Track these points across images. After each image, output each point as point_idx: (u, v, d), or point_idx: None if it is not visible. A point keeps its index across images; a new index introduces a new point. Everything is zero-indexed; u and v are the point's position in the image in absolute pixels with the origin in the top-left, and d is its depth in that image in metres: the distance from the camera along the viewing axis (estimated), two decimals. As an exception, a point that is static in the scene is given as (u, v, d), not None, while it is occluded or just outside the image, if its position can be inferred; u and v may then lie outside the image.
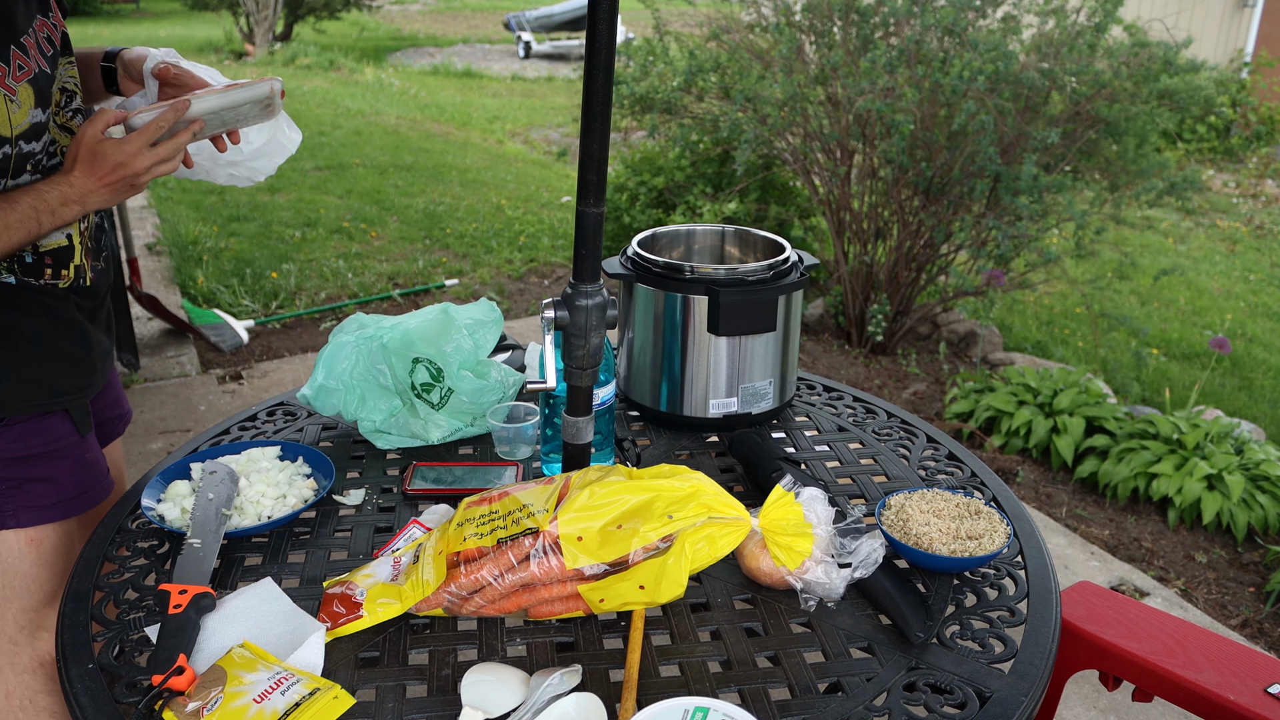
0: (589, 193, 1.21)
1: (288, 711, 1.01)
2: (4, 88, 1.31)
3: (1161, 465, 3.25)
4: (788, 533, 1.18)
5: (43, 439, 1.47)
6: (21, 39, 1.35)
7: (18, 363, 1.42)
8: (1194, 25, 8.77)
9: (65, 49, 1.47)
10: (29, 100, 1.35)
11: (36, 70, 1.37)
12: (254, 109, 1.49)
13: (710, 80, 4.74)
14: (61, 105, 1.45)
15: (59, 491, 1.49)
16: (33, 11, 1.39)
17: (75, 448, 1.51)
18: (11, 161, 1.34)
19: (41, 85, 1.37)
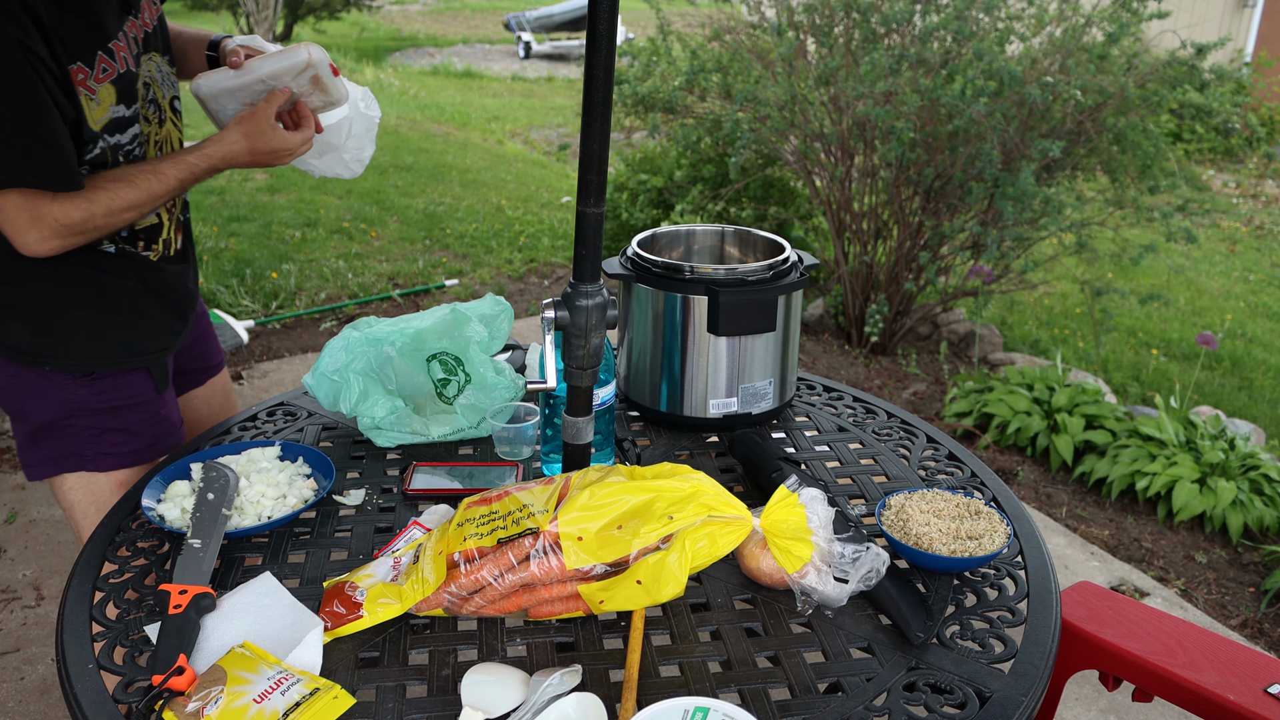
0: (589, 193, 1.21)
1: (288, 711, 1.01)
2: (84, 88, 1.43)
3: (1155, 464, 3.25)
4: (788, 536, 1.18)
5: (124, 393, 1.62)
6: (110, 44, 1.47)
7: (111, 323, 1.59)
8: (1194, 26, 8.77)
9: (148, 45, 1.58)
10: (109, 98, 1.47)
11: (121, 71, 1.49)
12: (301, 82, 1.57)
13: (712, 80, 4.74)
14: (143, 98, 1.57)
15: (134, 441, 1.64)
16: (124, 14, 1.52)
17: (152, 403, 1.66)
18: (108, 155, 1.49)
19: (125, 84, 1.50)
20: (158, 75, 1.62)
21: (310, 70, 1.55)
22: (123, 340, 1.61)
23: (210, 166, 1.52)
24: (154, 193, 1.47)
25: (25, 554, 2.91)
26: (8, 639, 2.57)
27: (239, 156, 1.53)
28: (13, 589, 2.76)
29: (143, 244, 1.60)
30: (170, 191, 1.49)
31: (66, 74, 1.40)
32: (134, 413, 1.63)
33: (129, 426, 1.63)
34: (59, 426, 1.60)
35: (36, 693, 2.40)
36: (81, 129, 1.43)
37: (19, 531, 3.01)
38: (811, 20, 4.30)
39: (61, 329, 1.56)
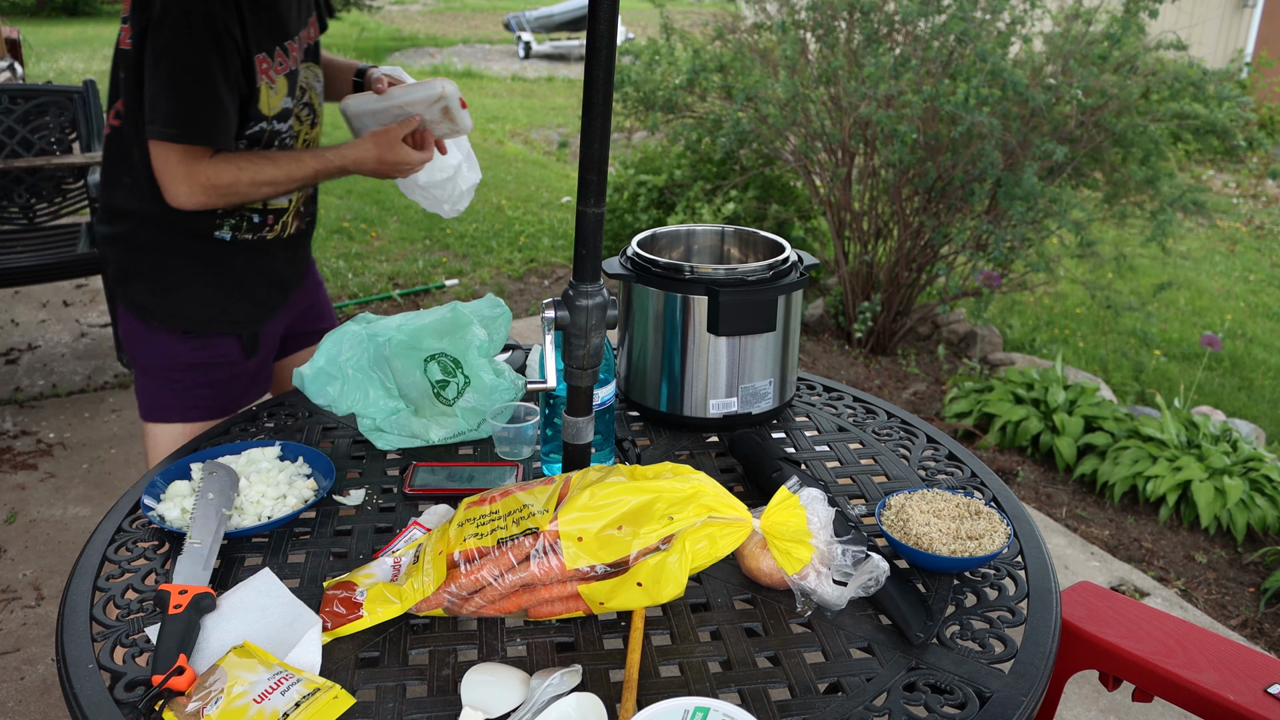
0: (589, 193, 1.21)
1: (288, 711, 1.01)
2: (266, 76, 1.67)
3: (1158, 466, 3.25)
4: (788, 538, 1.18)
5: (215, 354, 1.84)
6: (286, 42, 1.71)
7: (213, 294, 1.81)
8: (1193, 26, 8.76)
9: (310, 57, 1.82)
10: (283, 89, 1.72)
11: (292, 68, 1.73)
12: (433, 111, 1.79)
13: (713, 80, 4.74)
14: (299, 100, 1.79)
15: (217, 397, 1.85)
16: (302, 22, 1.77)
17: (239, 364, 1.87)
18: (265, 136, 1.71)
19: (292, 80, 1.74)
20: (315, 85, 1.85)
21: (442, 102, 1.77)
22: (222, 310, 1.83)
23: (342, 165, 1.74)
24: (292, 176, 1.70)
25: (25, 554, 2.91)
26: (8, 639, 2.57)
27: (367, 162, 1.75)
28: (13, 589, 2.76)
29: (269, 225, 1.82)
30: (305, 178, 1.72)
31: (251, 59, 1.63)
32: (222, 371, 1.85)
33: (216, 381, 1.85)
34: (160, 376, 1.84)
35: (36, 693, 2.40)
36: (249, 108, 1.66)
37: (19, 531, 3.01)
38: (814, 20, 4.30)
39: (171, 294, 1.79)
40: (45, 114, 4.12)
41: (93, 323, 4.64)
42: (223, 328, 1.84)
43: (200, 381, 1.84)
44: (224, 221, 1.76)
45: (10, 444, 3.52)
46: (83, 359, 4.25)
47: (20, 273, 3.81)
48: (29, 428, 3.64)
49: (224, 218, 1.76)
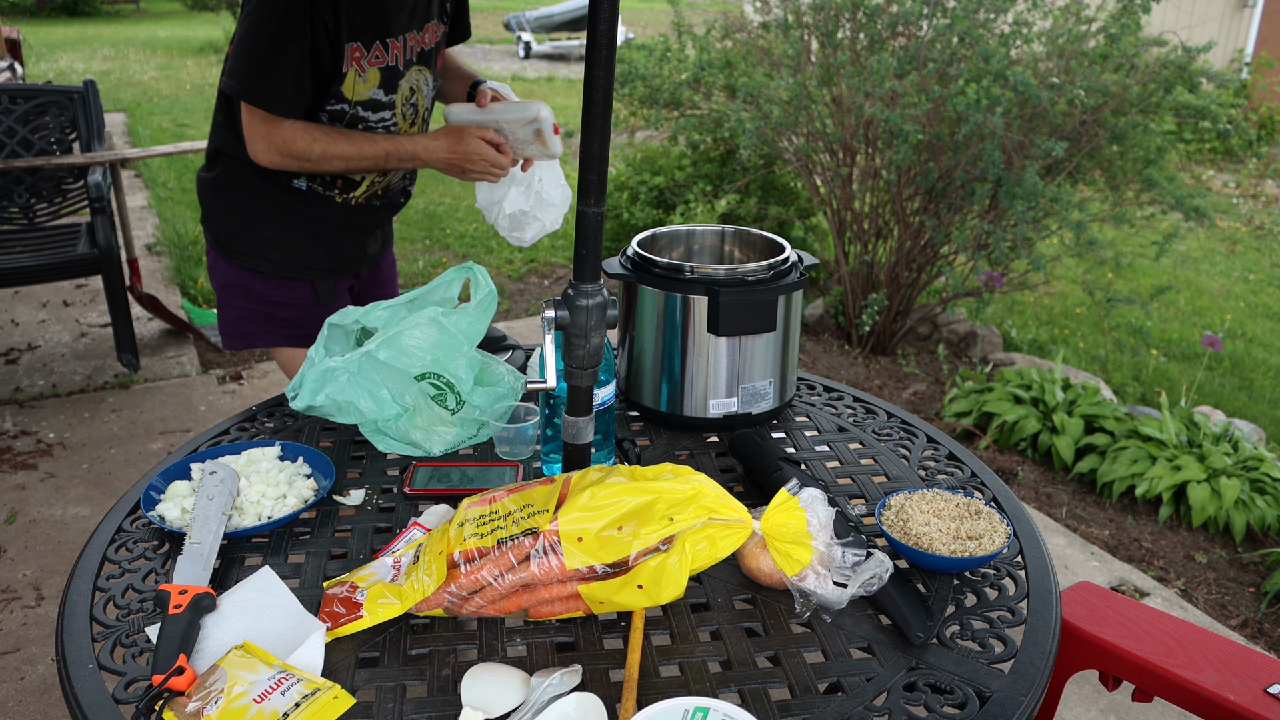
0: (589, 192, 1.21)
1: (288, 711, 1.01)
2: (358, 65, 1.77)
3: (1158, 466, 3.25)
4: (788, 539, 1.18)
5: (289, 295, 2.00)
6: (388, 39, 1.79)
7: (287, 239, 1.94)
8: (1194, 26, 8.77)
9: (422, 60, 1.91)
10: (374, 81, 1.81)
11: (389, 65, 1.82)
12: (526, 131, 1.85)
13: (717, 78, 4.74)
14: (407, 99, 1.90)
15: (298, 331, 2.02)
16: (414, 24, 1.84)
17: (312, 307, 2.01)
18: (346, 117, 1.82)
19: (389, 76, 1.83)
20: (424, 88, 1.95)
21: (536, 124, 1.84)
22: (294, 256, 1.96)
23: (412, 152, 1.83)
24: (363, 154, 1.80)
25: (25, 554, 2.91)
26: (8, 639, 2.57)
27: (437, 151, 1.84)
28: (13, 589, 2.76)
29: (336, 191, 1.93)
30: (375, 156, 1.82)
31: (340, 43, 1.72)
32: (294, 310, 2.01)
33: (290, 319, 2.01)
34: (238, 309, 2.02)
35: (36, 693, 2.40)
36: (332, 86, 1.76)
37: (19, 531, 3.01)
38: (818, 20, 4.30)
39: (250, 235, 1.94)
40: (45, 114, 4.12)
41: (93, 323, 4.64)
42: (295, 272, 1.98)
43: (275, 315, 2.01)
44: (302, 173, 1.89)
45: (10, 444, 3.52)
46: (83, 359, 4.25)
47: (20, 273, 3.81)
48: (29, 428, 3.64)
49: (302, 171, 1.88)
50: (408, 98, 1.90)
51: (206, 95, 11.00)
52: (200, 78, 12.29)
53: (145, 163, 7.63)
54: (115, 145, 7.72)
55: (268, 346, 2.08)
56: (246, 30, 1.71)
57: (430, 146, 1.83)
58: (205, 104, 10.43)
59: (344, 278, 2.07)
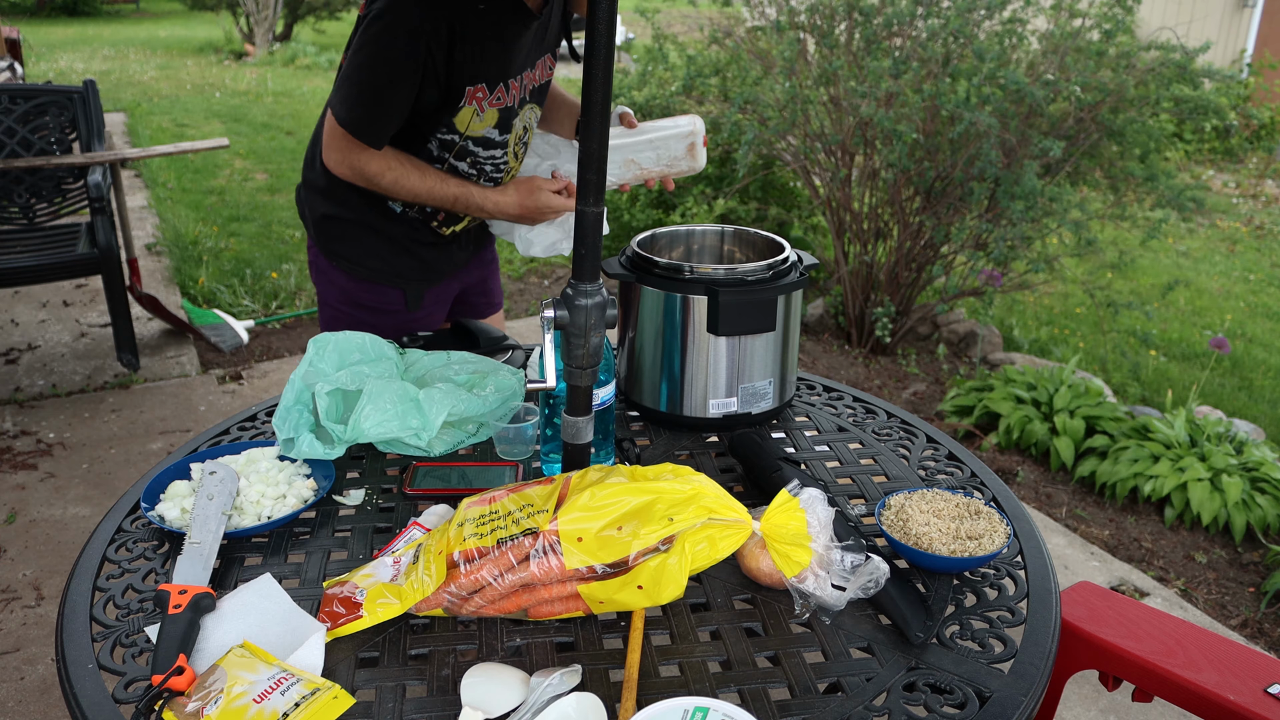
0: (589, 192, 1.21)
1: (287, 712, 1.01)
2: (478, 104, 1.79)
3: (1160, 466, 3.25)
4: (787, 541, 1.18)
5: (380, 299, 2.03)
6: (509, 80, 1.81)
7: (381, 250, 1.98)
8: (1194, 26, 8.77)
9: (534, 96, 1.93)
10: (491, 120, 1.83)
11: (508, 105, 1.84)
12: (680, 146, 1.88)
13: (710, 83, 4.74)
14: (519, 137, 1.93)
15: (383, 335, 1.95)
16: (529, 62, 1.86)
17: (401, 314, 2.05)
18: (455, 147, 1.84)
19: (506, 116, 1.85)
20: (532, 124, 1.97)
21: (691, 138, 1.86)
22: (388, 264, 2.00)
23: (480, 204, 1.87)
24: (432, 193, 1.83)
25: (25, 554, 2.91)
26: (8, 639, 2.57)
27: (508, 208, 1.88)
28: (13, 589, 2.76)
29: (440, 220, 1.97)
30: (443, 199, 1.84)
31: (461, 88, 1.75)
32: (385, 317, 2.03)
33: (379, 325, 1.97)
34: (332, 307, 2.06)
35: (36, 693, 2.40)
36: (444, 117, 1.78)
37: (19, 531, 3.01)
38: (813, 21, 4.30)
39: (348, 241, 1.99)
40: (45, 114, 4.12)
41: (93, 323, 4.64)
42: (388, 280, 2.01)
43: (368, 320, 2.01)
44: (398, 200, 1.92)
45: (10, 444, 3.52)
46: (83, 359, 4.25)
47: (20, 273, 3.81)
48: (29, 428, 3.64)
49: None
50: (520, 136, 1.93)
51: (206, 95, 11.00)
52: (200, 78, 12.29)
53: (145, 163, 7.63)
54: (115, 145, 7.72)
55: None
56: (358, 64, 1.73)
57: (500, 202, 1.87)
58: (205, 104, 10.43)
59: (433, 286, 2.09)
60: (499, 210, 1.88)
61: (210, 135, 8.76)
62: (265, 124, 9.44)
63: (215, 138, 5.24)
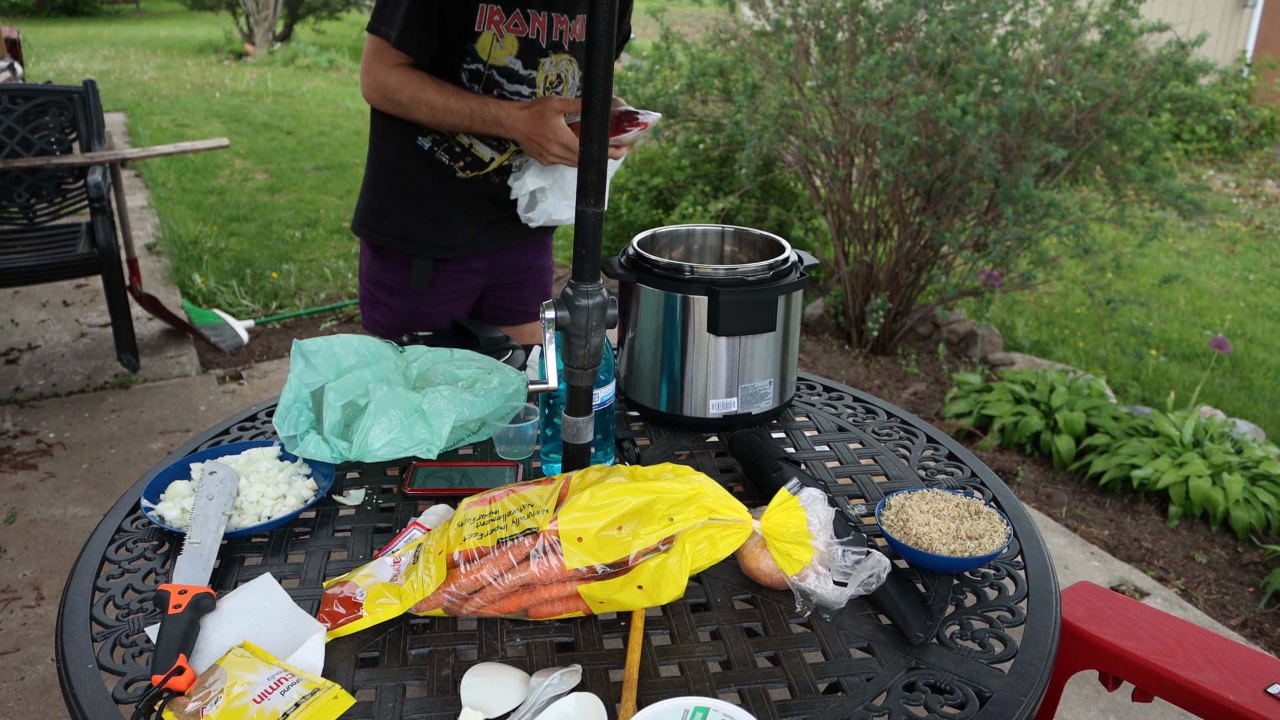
0: (589, 192, 1.21)
1: (287, 712, 1.01)
2: (496, 28, 1.80)
3: (1160, 461, 3.25)
4: (788, 539, 1.18)
5: (390, 276, 2.03)
6: (529, 9, 1.81)
7: (396, 202, 1.98)
8: (1194, 26, 8.77)
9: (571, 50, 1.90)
10: (512, 49, 1.83)
11: (528, 35, 1.83)
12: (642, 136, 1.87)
13: (713, 84, 4.74)
14: (551, 85, 1.91)
15: (393, 318, 2.05)
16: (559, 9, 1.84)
17: (406, 295, 2.03)
18: (483, 77, 1.85)
19: (528, 48, 1.84)
20: (570, 81, 1.93)
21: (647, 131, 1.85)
22: (399, 223, 1.98)
23: (495, 117, 1.79)
24: (449, 105, 1.80)
25: (25, 554, 2.91)
26: (8, 639, 2.57)
27: (519, 122, 1.78)
28: (13, 589, 2.76)
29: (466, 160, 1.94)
30: (460, 113, 1.80)
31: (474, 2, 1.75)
32: (395, 297, 2.03)
33: (389, 304, 2.04)
34: (364, 288, 2.09)
35: (36, 693, 2.40)
36: (466, 44, 1.79)
37: (19, 531, 3.01)
38: (815, 25, 4.30)
39: (370, 207, 2.01)
40: (45, 114, 4.12)
41: (93, 323, 4.64)
42: (399, 244, 1.99)
43: (379, 299, 2.05)
44: (430, 132, 1.91)
45: (10, 444, 3.52)
46: (83, 359, 4.25)
47: (20, 273, 3.81)
48: (29, 428, 3.64)
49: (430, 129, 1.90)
50: (553, 83, 1.90)
51: (206, 95, 11.00)
52: (200, 78, 12.29)
53: (145, 163, 7.63)
54: (115, 145, 7.72)
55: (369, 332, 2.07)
56: None
57: (515, 115, 1.79)
58: (205, 104, 10.43)
59: (447, 259, 2.03)
60: (511, 124, 1.80)
61: (210, 135, 8.76)
62: (265, 124, 9.45)
63: (215, 138, 5.24)
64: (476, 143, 1.93)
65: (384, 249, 2.02)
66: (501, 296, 2.19)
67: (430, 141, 1.92)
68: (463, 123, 1.82)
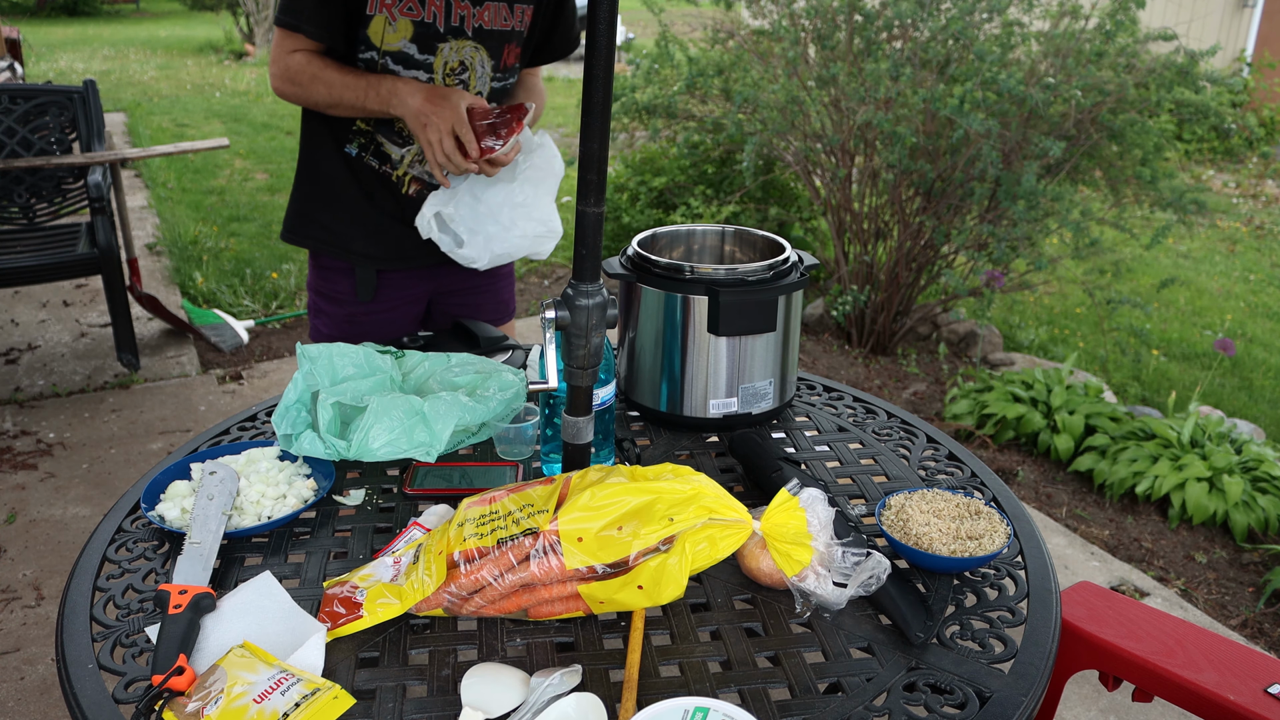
0: (589, 192, 1.21)
1: (287, 712, 1.01)
2: (388, 12, 1.74)
3: (1160, 465, 3.25)
4: (788, 540, 1.18)
5: (329, 286, 1.98)
6: None
7: (330, 212, 1.92)
8: (1193, 26, 8.77)
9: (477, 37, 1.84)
10: (406, 32, 1.77)
11: (423, 19, 1.77)
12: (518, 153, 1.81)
13: (713, 83, 4.74)
14: (454, 71, 1.85)
15: (335, 328, 1.99)
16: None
17: (350, 305, 1.97)
18: (377, 66, 1.79)
19: (423, 33, 1.78)
20: (479, 69, 1.88)
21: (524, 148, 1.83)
22: (336, 234, 1.93)
23: (391, 88, 1.72)
24: (345, 82, 1.75)
25: (25, 554, 2.91)
26: (8, 639, 2.57)
27: (413, 94, 1.71)
28: (13, 589, 2.76)
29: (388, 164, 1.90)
30: (355, 88, 1.74)
31: None
32: (336, 306, 1.98)
33: (330, 314, 2.00)
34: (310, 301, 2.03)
35: (36, 693, 2.40)
36: (359, 30, 1.75)
37: (19, 531, 3.01)
38: (815, 25, 4.30)
39: (300, 209, 1.95)
40: (45, 114, 4.12)
41: (93, 323, 4.64)
42: (338, 254, 1.94)
43: (320, 309, 2.01)
44: (354, 137, 1.87)
45: (10, 444, 3.52)
46: (83, 359, 4.25)
47: (20, 273, 3.81)
48: (29, 428, 3.64)
49: (355, 135, 1.87)
50: (454, 69, 1.84)
51: (206, 95, 11.00)
52: (200, 78, 12.29)
53: (145, 163, 7.63)
54: (115, 145, 7.72)
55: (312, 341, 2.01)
56: None
57: (411, 87, 1.72)
58: (205, 104, 10.43)
59: (389, 270, 1.97)
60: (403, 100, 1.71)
61: (210, 135, 8.76)
62: (265, 124, 9.45)
63: (215, 138, 5.24)
64: (385, 141, 1.88)
65: (322, 255, 1.97)
66: (452, 304, 2.11)
67: (356, 147, 1.88)
68: (358, 98, 1.75)
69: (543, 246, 1.91)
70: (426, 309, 2.11)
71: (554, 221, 1.90)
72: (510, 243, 1.87)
